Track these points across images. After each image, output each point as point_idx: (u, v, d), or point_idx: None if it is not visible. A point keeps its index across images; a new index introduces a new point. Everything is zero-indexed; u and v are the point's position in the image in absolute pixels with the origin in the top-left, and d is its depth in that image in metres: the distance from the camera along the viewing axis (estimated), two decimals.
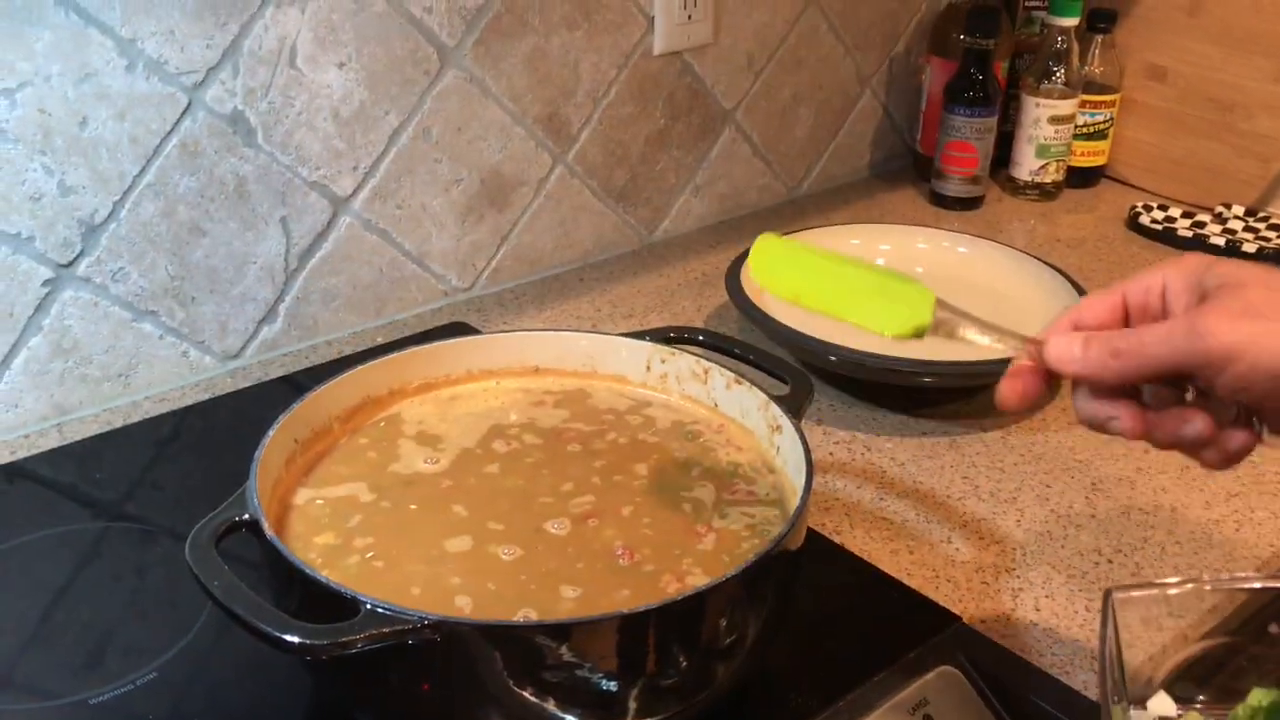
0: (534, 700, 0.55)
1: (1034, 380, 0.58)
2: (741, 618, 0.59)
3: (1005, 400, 0.59)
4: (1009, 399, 0.59)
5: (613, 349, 0.77)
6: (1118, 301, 0.57)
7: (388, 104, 1.00)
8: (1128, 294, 0.57)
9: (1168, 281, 0.56)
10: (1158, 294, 0.56)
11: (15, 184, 0.83)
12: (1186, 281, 0.55)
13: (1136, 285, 0.57)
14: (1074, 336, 0.56)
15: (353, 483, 0.67)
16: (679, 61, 1.20)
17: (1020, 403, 0.59)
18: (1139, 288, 0.57)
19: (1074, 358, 0.55)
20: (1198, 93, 1.36)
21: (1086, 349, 0.55)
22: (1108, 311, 0.57)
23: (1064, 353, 0.56)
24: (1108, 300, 0.58)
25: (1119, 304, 0.57)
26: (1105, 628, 0.56)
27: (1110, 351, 0.54)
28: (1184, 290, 0.55)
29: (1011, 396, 0.59)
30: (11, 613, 0.72)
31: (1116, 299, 0.57)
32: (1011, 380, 0.59)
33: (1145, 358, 0.53)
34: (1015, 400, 0.59)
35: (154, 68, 0.86)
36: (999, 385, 0.59)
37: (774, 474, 0.70)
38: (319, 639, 0.51)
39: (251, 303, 0.98)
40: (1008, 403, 0.59)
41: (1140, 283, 0.57)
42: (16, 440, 0.89)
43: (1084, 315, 0.58)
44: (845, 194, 1.42)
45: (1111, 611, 0.58)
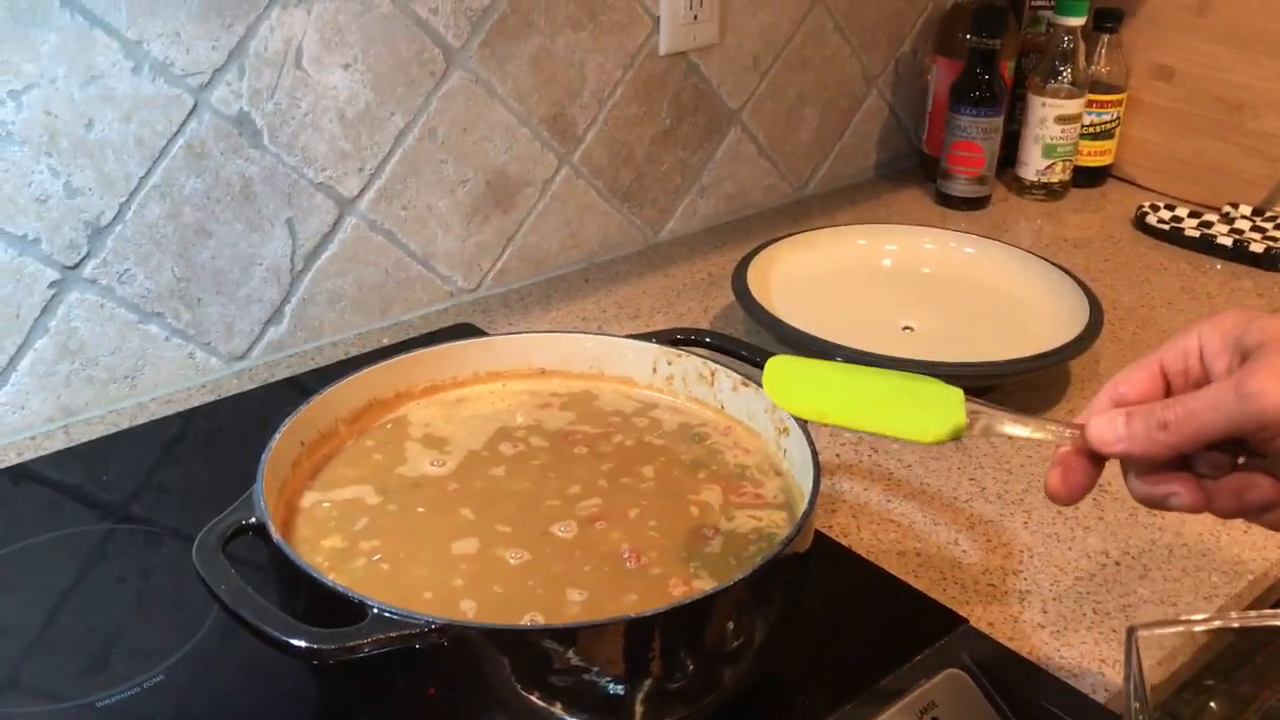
0: (541, 704, 0.55)
1: (1080, 466, 0.56)
2: (749, 621, 0.59)
3: (1056, 493, 0.57)
4: (1059, 491, 0.57)
5: (619, 351, 0.77)
6: (1155, 371, 0.55)
7: (393, 105, 1.00)
8: (1164, 361, 0.55)
9: (1204, 343, 0.54)
10: (1196, 356, 0.54)
11: (22, 186, 0.83)
12: (1224, 341, 0.53)
13: (1173, 351, 0.55)
14: (1115, 414, 0.54)
15: (359, 485, 0.67)
16: (684, 62, 1.20)
17: (1071, 493, 0.57)
18: (1175, 353, 0.55)
19: (1119, 436, 0.53)
20: (1205, 92, 1.35)
21: (1130, 425, 0.53)
22: (1147, 382, 0.55)
23: (1107, 433, 0.54)
24: (1144, 370, 0.56)
25: (1157, 373, 0.55)
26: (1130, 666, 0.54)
27: (1157, 424, 0.52)
28: (1222, 350, 0.53)
29: (1061, 488, 0.57)
30: (18, 614, 0.72)
31: (1154, 368, 0.55)
32: (1058, 470, 0.57)
33: (1195, 427, 0.51)
34: (1065, 491, 0.57)
35: (160, 69, 0.86)
36: (1046, 479, 0.57)
37: (781, 476, 0.70)
38: (326, 643, 0.51)
39: (257, 304, 0.98)
40: (1059, 496, 0.57)
41: (1176, 348, 0.55)
42: (23, 442, 0.89)
43: (1122, 390, 0.56)
44: (851, 194, 1.41)
45: (1135, 650, 0.56)
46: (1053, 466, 0.57)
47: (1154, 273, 1.23)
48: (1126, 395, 0.56)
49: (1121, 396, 0.56)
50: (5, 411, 0.88)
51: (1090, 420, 0.55)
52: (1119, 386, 0.56)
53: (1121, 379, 0.56)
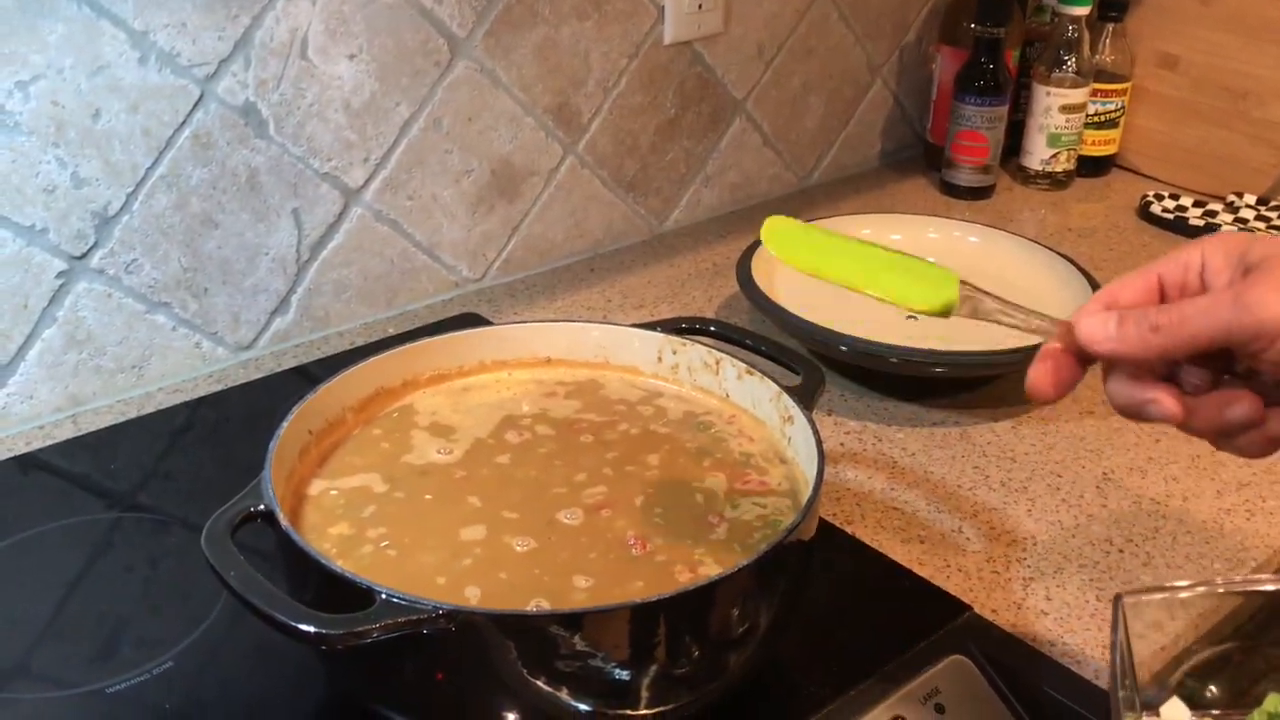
0: (547, 689, 0.55)
1: (1066, 364, 0.55)
2: (753, 608, 0.59)
3: (1037, 386, 0.55)
4: (1041, 385, 0.55)
5: (624, 340, 0.78)
6: (1153, 281, 0.54)
7: (399, 95, 1.00)
8: (1163, 272, 0.54)
9: (1207, 258, 0.53)
10: (1196, 271, 0.53)
11: (29, 176, 0.83)
12: (1228, 258, 0.52)
13: (1173, 263, 0.54)
14: (1107, 314, 0.52)
15: (366, 473, 0.68)
16: (689, 51, 1.20)
17: (1054, 389, 0.55)
18: (1176, 265, 0.54)
19: (1109, 335, 0.52)
20: (1210, 81, 1.35)
21: (1122, 326, 0.51)
22: (1143, 291, 0.54)
23: (1097, 331, 0.52)
24: (1142, 279, 0.54)
25: (1154, 283, 0.54)
26: (1116, 633, 0.54)
27: (1150, 326, 0.51)
28: (1225, 266, 0.52)
29: (1043, 382, 0.55)
30: (28, 602, 0.72)
31: (1151, 278, 0.54)
32: (1042, 365, 0.55)
33: (1188, 332, 0.50)
34: (1048, 386, 0.55)
35: (166, 60, 0.87)
36: (1029, 373, 0.55)
37: (786, 464, 0.70)
38: (335, 629, 0.52)
39: (264, 294, 0.99)
40: (1040, 389, 0.55)
41: (1177, 260, 0.54)
42: (31, 431, 0.89)
43: (1117, 295, 0.54)
44: (856, 183, 1.41)
45: (1122, 616, 0.56)
46: (1037, 361, 0.55)
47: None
48: (1119, 299, 0.54)
49: (1114, 299, 0.54)
50: (14, 401, 0.88)
51: (1081, 318, 0.53)
52: (1114, 290, 0.54)
53: (1117, 285, 0.55)
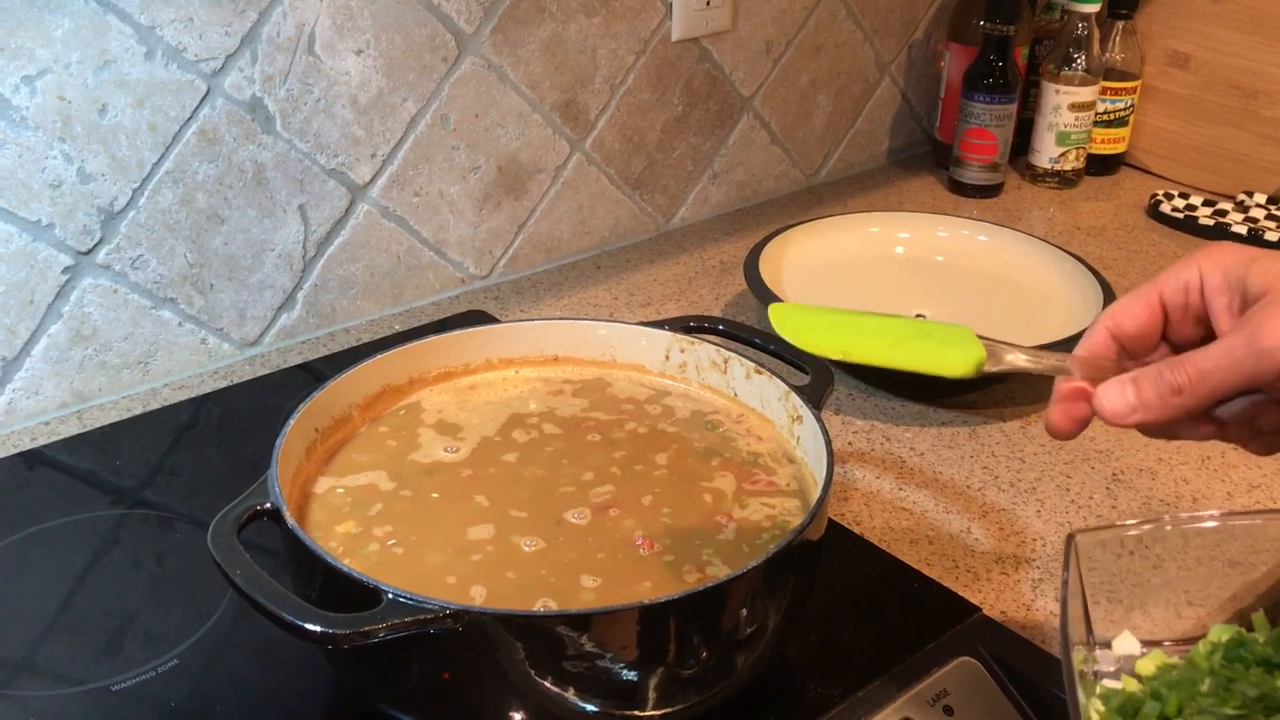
0: (554, 689, 0.55)
1: (1085, 403, 0.55)
2: (762, 608, 0.59)
3: (1058, 427, 0.55)
4: (1062, 425, 0.55)
5: (632, 338, 0.77)
6: (1154, 302, 0.54)
7: (406, 91, 1.00)
8: (1164, 293, 0.54)
9: (1205, 277, 0.53)
10: (1196, 291, 0.53)
11: (35, 171, 0.83)
12: (1225, 277, 0.52)
13: (1172, 283, 0.54)
14: (1123, 381, 0.52)
15: (373, 471, 0.68)
16: (697, 48, 1.19)
17: (1074, 427, 0.55)
18: (1175, 286, 0.54)
19: (1131, 406, 0.51)
20: (1220, 80, 1.35)
21: (1141, 393, 0.51)
22: (1146, 315, 0.54)
23: (1118, 404, 0.52)
24: (1142, 302, 0.54)
25: (1155, 305, 0.54)
26: (1067, 571, 0.55)
27: (1170, 390, 0.50)
28: (1223, 287, 0.52)
29: (1064, 421, 0.55)
30: (33, 598, 0.72)
31: (1153, 300, 0.54)
32: (1061, 406, 0.55)
33: (1210, 386, 0.50)
34: (1069, 425, 0.55)
35: (173, 55, 0.86)
36: (1048, 413, 0.56)
37: (794, 464, 0.70)
38: (341, 628, 0.51)
39: (270, 290, 0.98)
40: (1060, 428, 0.55)
41: (1176, 280, 0.54)
42: (37, 427, 0.89)
43: (1121, 323, 0.54)
44: (863, 181, 1.41)
45: (1074, 554, 0.57)
46: (1055, 402, 0.55)
47: (1168, 261, 1.23)
48: (1124, 328, 0.54)
49: (1120, 328, 0.54)
50: (19, 397, 0.88)
51: (1098, 393, 0.53)
52: (1117, 318, 0.54)
53: (1120, 310, 0.55)
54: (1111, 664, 0.61)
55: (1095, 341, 0.55)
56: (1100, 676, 0.60)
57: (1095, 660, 0.60)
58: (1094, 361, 0.55)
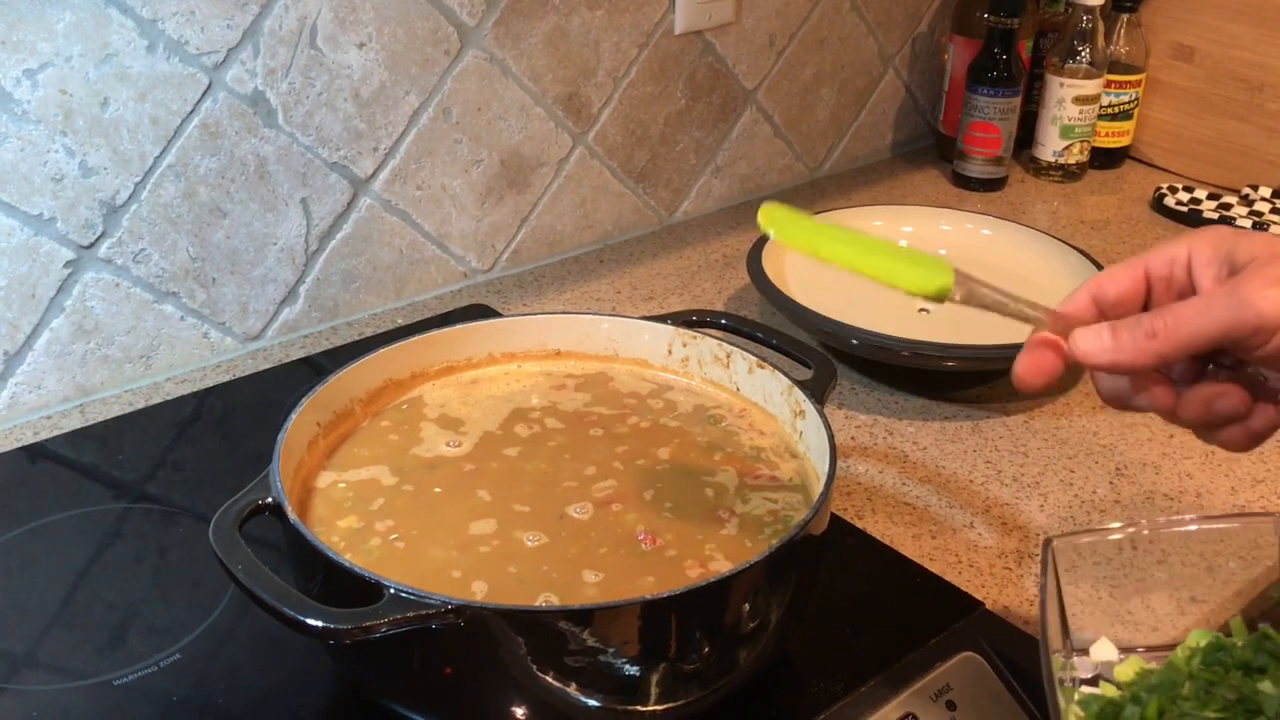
0: (556, 684, 0.55)
1: (1054, 356, 0.54)
2: (764, 603, 0.58)
3: (1025, 377, 0.55)
4: (1029, 376, 0.55)
5: (634, 332, 0.77)
6: (1139, 274, 0.54)
7: (408, 84, 1.00)
8: (1150, 266, 0.54)
9: (1193, 252, 0.53)
10: (1183, 265, 0.53)
11: (37, 165, 0.83)
12: (1215, 252, 0.52)
13: (1159, 257, 0.54)
14: (1100, 327, 0.52)
15: (375, 466, 0.67)
16: (700, 41, 1.19)
17: (1041, 379, 0.55)
18: (1163, 259, 0.54)
19: (1104, 348, 0.52)
20: (1225, 72, 1.34)
21: (1117, 336, 0.51)
22: (1130, 283, 0.54)
23: (1091, 344, 0.52)
24: (1128, 272, 0.54)
25: (1140, 276, 0.54)
26: (1045, 576, 0.55)
27: (1145, 333, 0.50)
28: (1211, 261, 0.52)
29: (1031, 373, 0.55)
30: (35, 593, 0.72)
31: (1138, 271, 0.54)
32: (1030, 355, 0.55)
33: (1185, 334, 0.50)
34: (1035, 376, 0.55)
35: (174, 48, 0.86)
36: (1016, 363, 0.56)
37: (797, 459, 0.69)
38: (343, 623, 0.51)
39: (272, 284, 0.98)
40: (1028, 380, 0.55)
41: (1164, 254, 0.54)
42: (39, 421, 0.89)
43: (1104, 288, 0.54)
44: (867, 175, 1.41)
45: (1051, 559, 0.57)
46: (1026, 351, 0.55)
47: None
48: (1106, 292, 0.54)
49: (1101, 292, 0.54)
50: (22, 390, 0.88)
51: (1075, 334, 0.53)
52: (1101, 283, 0.54)
53: (1104, 277, 0.54)
54: (1089, 670, 0.61)
55: (1076, 302, 0.55)
56: (1078, 683, 0.60)
57: (1073, 667, 0.60)
58: (1069, 319, 0.55)
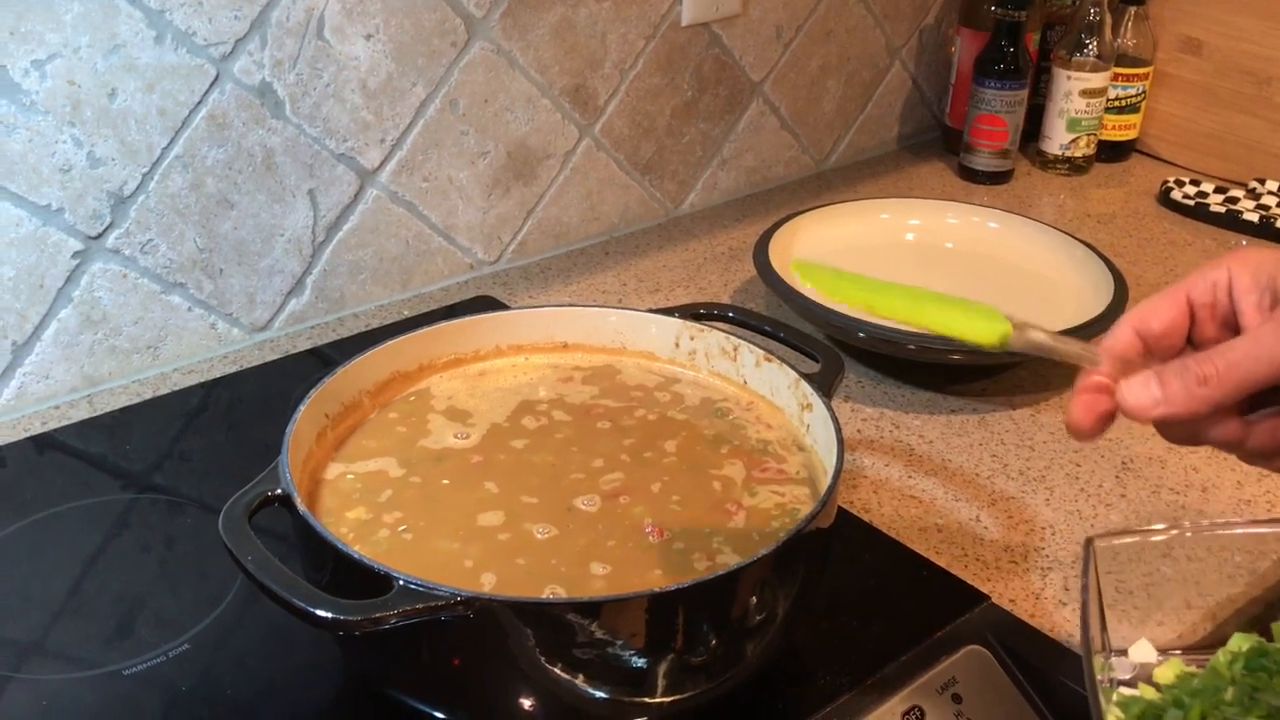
0: (564, 676, 0.55)
1: (1108, 399, 0.52)
2: (771, 596, 0.59)
3: (1080, 423, 0.52)
4: (1084, 421, 0.52)
5: (642, 325, 0.77)
6: (1181, 302, 0.52)
7: (415, 76, 1.00)
8: (1192, 294, 0.52)
9: (1234, 276, 0.51)
10: (1225, 290, 0.52)
11: (45, 155, 0.83)
12: (1255, 278, 0.51)
13: (1201, 283, 0.52)
14: (1147, 376, 0.50)
15: (383, 458, 0.68)
16: (707, 33, 1.19)
17: (1096, 424, 0.52)
18: (1203, 285, 0.52)
19: (1155, 399, 0.49)
20: (1233, 66, 1.34)
21: (1167, 386, 0.49)
22: (1171, 311, 0.52)
23: (1142, 399, 0.50)
24: (1170, 302, 0.53)
25: (1183, 305, 0.52)
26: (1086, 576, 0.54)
27: (1196, 380, 0.48)
28: (1252, 287, 0.51)
29: (1087, 416, 0.52)
30: (44, 582, 0.72)
31: (1180, 299, 0.52)
32: (1082, 400, 0.52)
33: (1238, 377, 0.48)
34: (1091, 420, 0.52)
35: (182, 39, 0.86)
36: (1070, 409, 0.53)
37: (804, 452, 0.69)
38: (352, 615, 0.51)
39: (279, 275, 0.98)
40: (1083, 425, 0.52)
41: (1204, 280, 0.52)
42: (47, 411, 0.89)
43: (1148, 321, 0.52)
44: (873, 167, 1.40)
45: (1092, 559, 0.56)
46: (1077, 395, 0.53)
47: (1178, 249, 1.22)
48: (1151, 326, 0.52)
49: (1146, 327, 0.52)
50: (30, 381, 0.88)
51: (1121, 387, 0.51)
52: (1142, 314, 0.52)
53: (1145, 308, 0.53)
54: (1128, 671, 0.60)
55: (1120, 338, 0.53)
56: (1116, 684, 0.59)
57: (1111, 668, 0.59)
58: (1120, 354, 0.53)
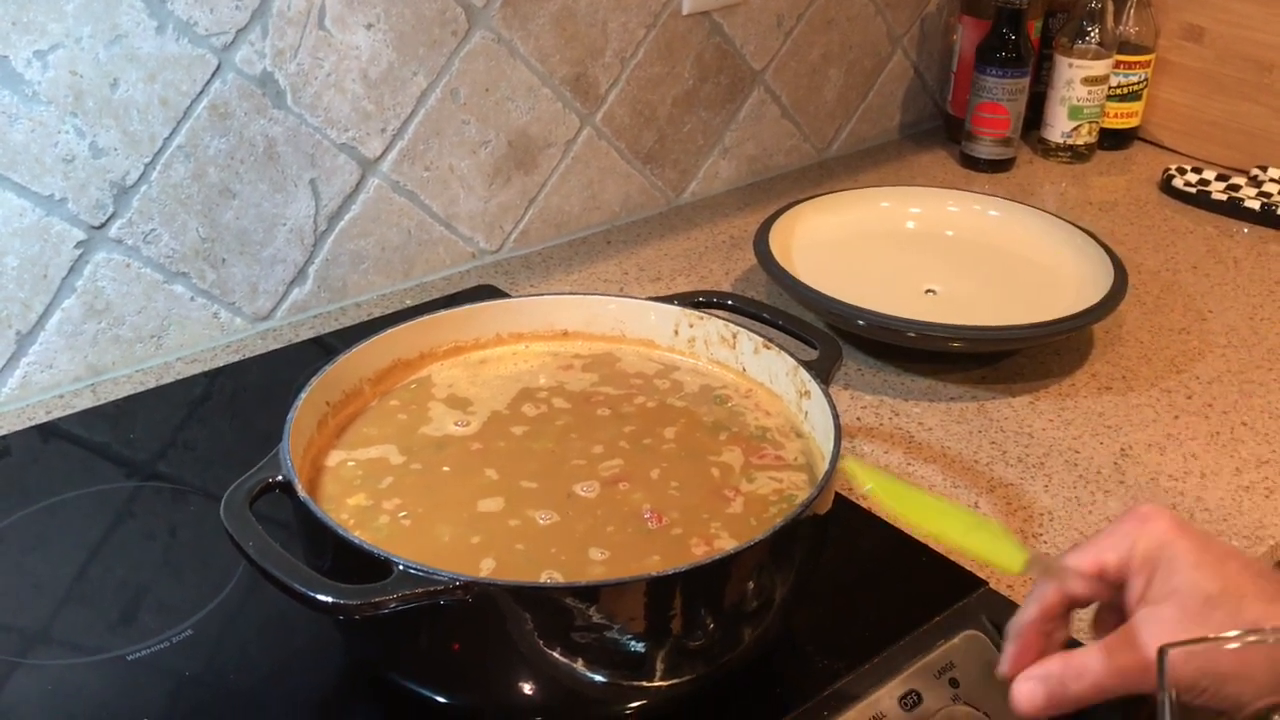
0: (563, 660, 0.56)
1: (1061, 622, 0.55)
2: (769, 581, 0.59)
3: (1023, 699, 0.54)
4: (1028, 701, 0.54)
5: (641, 313, 0.77)
6: (1097, 566, 0.55)
7: (416, 65, 1.00)
8: (1105, 559, 0.54)
9: (1135, 546, 0.53)
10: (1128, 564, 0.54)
11: (48, 146, 0.84)
12: (1144, 561, 0.52)
13: (1112, 554, 0.54)
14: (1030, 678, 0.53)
15: (384, 445, 0.68)
16: (708, 21, 1.19)
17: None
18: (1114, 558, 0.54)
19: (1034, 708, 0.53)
20: (1235, 53, 1.34)
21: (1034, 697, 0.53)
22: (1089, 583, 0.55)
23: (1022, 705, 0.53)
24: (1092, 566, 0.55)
25: (1099, 568, 0.55)
26: (1162, 691, 0.53)
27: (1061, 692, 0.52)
28: (1142, 568, 0.53)
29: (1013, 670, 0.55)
30: (49, 569, 0.73)
31: (1095, 564, 0.55)
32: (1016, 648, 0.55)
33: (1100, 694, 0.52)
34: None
35: (184, 29, 0.86)
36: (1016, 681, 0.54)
37: (802, 439, 0.70)
38: (352, 599, 0.52)
39: (281, 264, 0.99)
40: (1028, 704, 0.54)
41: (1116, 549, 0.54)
42: (51, 400, 0.90)
43: (1076, 589, 0.55)
44: (875, 155, 1.40)
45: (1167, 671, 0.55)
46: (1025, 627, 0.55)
47: (1180, 236, 1.22)
48: (1078, 591, 0.55)
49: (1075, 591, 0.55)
50: (34, 370, 0.89)
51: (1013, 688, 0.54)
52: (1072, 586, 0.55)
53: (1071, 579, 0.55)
54: None
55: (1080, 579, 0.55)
56: None
57: None
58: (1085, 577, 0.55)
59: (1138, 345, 1.02)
